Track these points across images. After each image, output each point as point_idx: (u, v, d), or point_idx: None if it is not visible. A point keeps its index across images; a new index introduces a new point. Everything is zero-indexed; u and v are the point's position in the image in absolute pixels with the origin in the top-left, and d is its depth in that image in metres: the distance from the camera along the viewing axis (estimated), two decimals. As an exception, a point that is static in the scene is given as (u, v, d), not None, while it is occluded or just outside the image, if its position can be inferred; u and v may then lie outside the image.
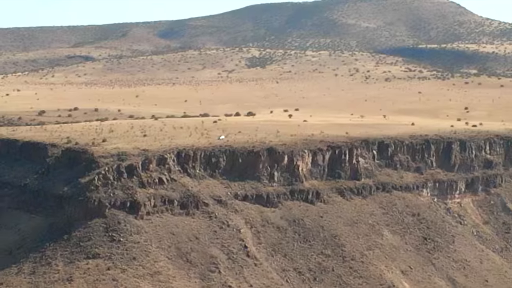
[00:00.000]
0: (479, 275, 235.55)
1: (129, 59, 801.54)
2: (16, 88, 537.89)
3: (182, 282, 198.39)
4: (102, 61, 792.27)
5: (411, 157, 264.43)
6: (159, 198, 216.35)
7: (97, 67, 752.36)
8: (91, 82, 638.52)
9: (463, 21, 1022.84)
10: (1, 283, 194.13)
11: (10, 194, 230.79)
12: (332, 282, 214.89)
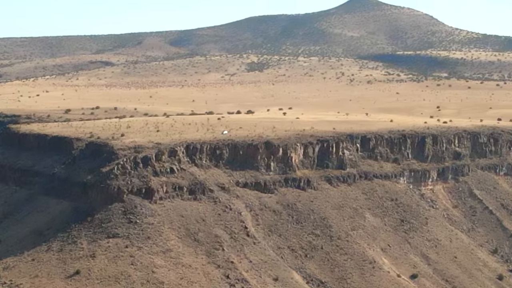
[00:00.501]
0: (449, 252, 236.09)
1: (144, 64, 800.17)
2: (45, 90, 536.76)
3: (190, 258, 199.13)
4: (120, 66, 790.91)
5: (390, 150, 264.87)
6: (170, 185, 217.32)
7: (116, 71, 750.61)
8: (110, 84, 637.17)
9: (435, 31, 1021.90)
10: (33, 259, 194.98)
11: (41, 182, 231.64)
12: (321, 258, 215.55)
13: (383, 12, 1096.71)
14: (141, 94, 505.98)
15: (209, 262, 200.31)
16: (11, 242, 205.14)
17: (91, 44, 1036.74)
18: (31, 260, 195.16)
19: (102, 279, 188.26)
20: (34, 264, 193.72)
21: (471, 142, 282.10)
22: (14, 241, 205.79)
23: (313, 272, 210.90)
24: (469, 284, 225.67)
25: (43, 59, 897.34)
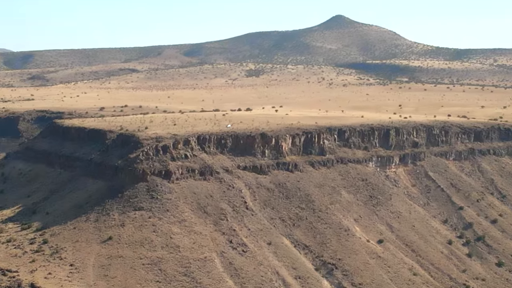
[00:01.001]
0: (408, 222, 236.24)
1: (163, 71, 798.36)
2: (84, 92, 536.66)
3: (201, 226, 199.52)
4: (143, 72, 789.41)
5: (361, 140, 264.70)
6: (185, 168, 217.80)
7: (140, 76, 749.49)
8: (136, 87, 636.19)
9: (398, 44, 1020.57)
10: (74, 228, 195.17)
11: (81, 166, 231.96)
12: (305, 226, 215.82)
13: (356, 29, 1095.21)
14: (160, 95, 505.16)
15: (216, 230, 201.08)
16: (57, 214, 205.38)
17: (120, 54, 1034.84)
18: (72, 228, 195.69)
19: (130, 243, 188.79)
20: (75, 232, 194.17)
21: (426, 134, 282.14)
22: (59, 213, 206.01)
23: (299, 238, 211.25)
24: (424, 247, 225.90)
25: (82, 67, 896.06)
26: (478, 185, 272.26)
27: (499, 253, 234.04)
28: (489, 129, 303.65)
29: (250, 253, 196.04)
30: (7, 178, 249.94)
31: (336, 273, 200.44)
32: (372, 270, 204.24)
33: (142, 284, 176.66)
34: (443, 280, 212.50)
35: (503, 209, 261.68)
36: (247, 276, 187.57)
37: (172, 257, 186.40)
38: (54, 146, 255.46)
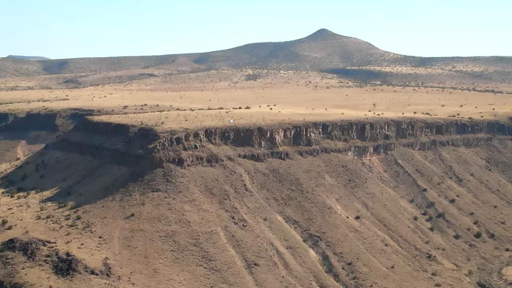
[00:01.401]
0: (381, 202, 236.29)
1: (176, 76, 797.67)
2: (110, 93, 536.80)
3: (208, 205, 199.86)
4: (160, 77, 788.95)
5: (341, 133, 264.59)
6: (195, 156, 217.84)
7: (157, 80, 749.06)
8: (153, 89, 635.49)
9: (372, 53, 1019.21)
10: (102, 206, 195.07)
11: (108, 154, 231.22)
12: (295, 205, 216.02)
13: (337, 40, 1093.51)
14: (174, 96, 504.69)
15: (220, 208, 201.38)
16: (88, 195, 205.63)
17: (140, 62, 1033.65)
18: (101, 206, 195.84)
19: (149, 219, 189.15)
20: (103, 209, 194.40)
21: (396, 128, 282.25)
22: (89, 194, 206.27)
23: (290, 215, 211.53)
24: (394, 223, 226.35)
25: (108, 72, 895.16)
26: (439, 170, 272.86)
27: (456, 228, 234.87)
28: (448, 124, 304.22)
29: (249, 227, 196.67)
30: (46, 165, 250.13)
31: (321, 244, 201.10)
32: (350, 242, 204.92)
33: (159, 253, 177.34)
34: (409, 250, 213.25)
35: (460, 190, 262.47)
36: (246, 246, 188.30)
37: (184, 231, 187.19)
38: (85, 138, 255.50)
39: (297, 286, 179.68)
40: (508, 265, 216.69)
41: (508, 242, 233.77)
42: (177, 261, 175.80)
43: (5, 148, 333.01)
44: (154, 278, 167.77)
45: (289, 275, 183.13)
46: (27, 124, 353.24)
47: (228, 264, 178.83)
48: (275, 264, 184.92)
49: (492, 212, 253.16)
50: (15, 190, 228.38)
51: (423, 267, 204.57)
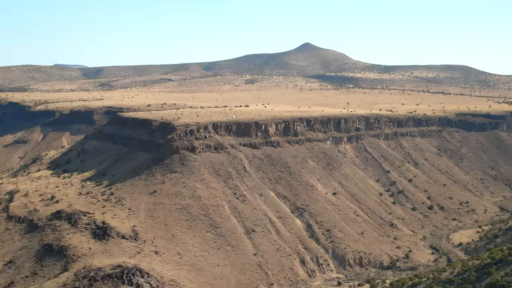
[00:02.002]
0: (353, 181, 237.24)
1: (189, 80, 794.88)
2: (136, 94, 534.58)
3: (215, 183, 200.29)
4: (176, 81, 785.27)
5: (321, 126, 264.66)
6: (205, 145, 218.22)
7: (174, 84, 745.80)
8: (171, 91, 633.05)
9: (346, 62, 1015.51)
10: (131, 184, 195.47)
11: (135, 143, 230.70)
12: (285, 184, 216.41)
13: (319, 52, 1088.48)
14: (188, 97, 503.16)
15: (225, 186, 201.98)
16: (119, 175, 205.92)
17: (160, 69, 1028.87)
18: (130, 185, 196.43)
19: (168, 195, 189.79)
20: (131, 187, 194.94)
21: (365, 122, 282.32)
22: (120, 175, 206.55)
23: (280, 191, 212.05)
24: (364, 198, 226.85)
25: (135, 77, 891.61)
26: (399, 156, 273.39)
27: (413, 202, 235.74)
28: (407, 119, 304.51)
29: (248, 201, 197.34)
30: (85, 152, 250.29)
31: (305, 215, 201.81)
32: (328, 213, 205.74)
33: (176, 222, 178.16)
34: (376, 219, 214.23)
35: (416, 172, 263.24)
36: (245, 216, 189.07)
37: (196, 204, 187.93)
38: (117, 130, 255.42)
39: (286, 248, 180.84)
40: (455, 231, 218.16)
41: (454, 213, 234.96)
42: (191, 228, 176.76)
43: (53, 138, 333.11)
44: (172, 241, 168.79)
45: (279, 239, 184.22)
46: (70, 119, 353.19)
47: (231, 231, 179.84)
48: (268, 231, 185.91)
49: (442, 189, 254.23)
50: (61, 171, 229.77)
51: (387, 233, 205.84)
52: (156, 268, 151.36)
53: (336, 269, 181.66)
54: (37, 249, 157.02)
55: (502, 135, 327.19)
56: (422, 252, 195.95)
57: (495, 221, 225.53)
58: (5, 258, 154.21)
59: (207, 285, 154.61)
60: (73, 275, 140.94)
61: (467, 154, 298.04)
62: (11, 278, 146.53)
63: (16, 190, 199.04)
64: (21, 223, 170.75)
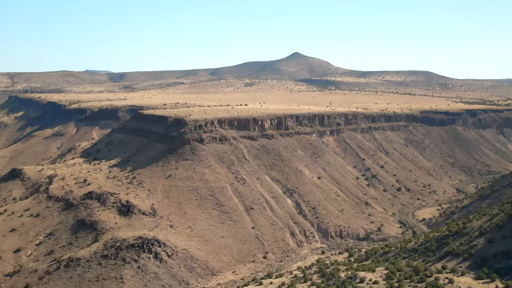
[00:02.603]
0: (335, 167, 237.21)
1: (198, 83, 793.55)
2: (154, 95, 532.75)
3: (219, 169, 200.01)
4: (187, 84, 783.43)
5: (308, 121, 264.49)
6: (211, 137, 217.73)
7: (185, 86, 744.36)
8: (183, 92, 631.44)
9: (329, 68, 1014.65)
10: (150, 170, 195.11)
11: (153, 136, 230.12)
12: (278, 169, 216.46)
13: (306, 60, 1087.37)
14: (197, 97, 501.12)
15: (228, 171, 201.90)
16: (140, 162, 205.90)
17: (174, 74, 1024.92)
18: (149, 170, 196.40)
19: (181, 178, 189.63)
20: (150, 172, 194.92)
21: (344, 118, 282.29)
22: (141, 162, 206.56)
23: (274, 176, 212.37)
24: (343, 181, 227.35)
25: (152, 81, 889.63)
26: (373, 146, 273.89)
27: (384, 184, 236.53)
28: (379, 115, 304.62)
29: (247, 184, 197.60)
30: (112, 143, 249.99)
31: (294, 195, 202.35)
32: (314, 193, 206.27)
33: (187, 201, 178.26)
34: (353, 199, 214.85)
35: (387, 160, 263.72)
36: (245, 196, 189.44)
37: (204, 186, 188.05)
38: (138, 125, 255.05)
39: (279, 223, 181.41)
40: (419, 209, 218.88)
41: (418, 194, 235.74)
42: (200, 206, 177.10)
43: (85, 132, 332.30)
44: (184, 217, 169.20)
45: (273, 215, 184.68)
46: (99, 116, 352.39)
47: (233, 208, 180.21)
48: (264, 208, 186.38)
49: (408, 174, 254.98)
50: (92, 159, 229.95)
51: (362, 210, 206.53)
52: (171, 239, 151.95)
53: (320, 240, 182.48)
54: (72, 223, 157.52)
55: (458, 129, 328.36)
56: (391, 226, 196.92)
57: (452, 200, 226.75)
58: (46, 231, 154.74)
59: (213, 253, 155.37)
60: (102, 245, 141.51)
61: (429, 145, 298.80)
62: (51, 247, 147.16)
63: (55, 174, 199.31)
64: (59, 202, 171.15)
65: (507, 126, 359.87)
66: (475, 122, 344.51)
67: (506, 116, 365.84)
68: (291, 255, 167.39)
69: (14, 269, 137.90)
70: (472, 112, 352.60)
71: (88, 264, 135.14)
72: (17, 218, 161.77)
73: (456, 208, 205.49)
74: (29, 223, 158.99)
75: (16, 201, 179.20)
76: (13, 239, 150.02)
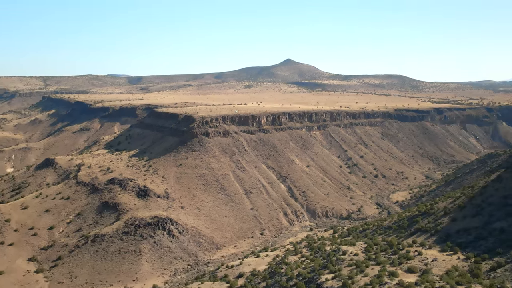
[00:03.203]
0: (321, 157, 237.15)
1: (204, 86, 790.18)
2: (166, 95, 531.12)
3: (223, 159, 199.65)
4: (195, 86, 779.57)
5: (299, 118, 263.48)
6: (216, 131, 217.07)
7: (193, 88, 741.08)
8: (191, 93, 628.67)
9: (317, 72, 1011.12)
10: (164, 159, 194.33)
11: (166, 130, 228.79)
12: (273, 159, 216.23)
13: (297, 65, 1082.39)
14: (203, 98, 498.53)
15: (230, 160, 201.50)
16: (155, 153, 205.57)
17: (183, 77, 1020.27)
18: (162, 159, 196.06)
19: (190, 167, 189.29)
20: (163, 161, 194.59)
21: (330, 115, 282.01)
22: (156, 153, 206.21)
23: (270, 164, 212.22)
24: (329, 169, 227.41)
25: (165, 83, 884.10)
26: (354, 139, 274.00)
27: (364, 172, 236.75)
28: (360, 113, 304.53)
29: (247, 171, 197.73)
30: (131, 136, 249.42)
31: (287, 181, 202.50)
32: (304, 179, 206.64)
33: (196, 186, 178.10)
34: (337, 184, 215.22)
35: (366, 151, 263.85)
36: (245, 182, 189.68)
37: (210, 173, 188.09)
38: (153, 121, 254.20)
39: (274, 204, 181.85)
40: (393, 193, 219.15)
41: (393, 180, 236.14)
42: (206, 190, 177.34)
43: (107, 127, 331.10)
44: (193, 199, 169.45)
45: (269, 198, 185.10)
46: (119, 113, 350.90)
47: (235, 192, 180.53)
48: (261, 192, 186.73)
49: (384, 163, 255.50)
50: (114, 150, 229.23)
51: (345, 194, 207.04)
52: (181, 218, 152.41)
53: (309, 219, 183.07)
54: (97, 205, 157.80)
55: (427, 124, 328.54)
56: (370, 207, 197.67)
57: (422, 185, 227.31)
58: (75, 212, 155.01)
59: (218, 230, 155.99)
60: (123, 223, 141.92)
61: (402, 138, 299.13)
62: (80, 225, 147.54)
63: (82, 163, 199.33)
64: (86, 186, 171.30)
65: (469, 122, 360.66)
66: (441, 118, 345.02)
67: (468, 114, 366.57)
68: (284, 232, 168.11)
69: (48, 243, 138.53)
70: (439, 110, 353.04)
71: (111, 239, 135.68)
72: (50, 200, 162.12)
73: (425, 192, 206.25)
74: (60, 204, 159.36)
75: (50, 186, 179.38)
76: (47, 218, 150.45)
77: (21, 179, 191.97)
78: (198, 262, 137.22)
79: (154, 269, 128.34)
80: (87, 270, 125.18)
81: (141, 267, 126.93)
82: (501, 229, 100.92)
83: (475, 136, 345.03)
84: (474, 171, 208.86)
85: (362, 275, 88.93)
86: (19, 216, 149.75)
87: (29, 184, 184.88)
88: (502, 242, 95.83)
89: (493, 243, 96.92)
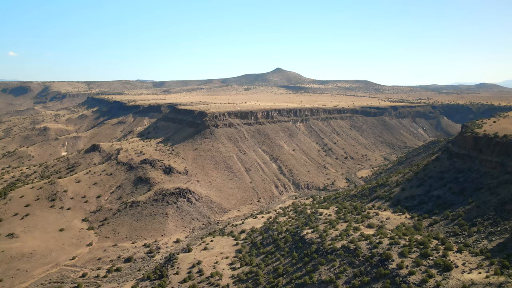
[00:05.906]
0: (304, 143, 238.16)
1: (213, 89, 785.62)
2: (184, 96, 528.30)
3: (228, 144, 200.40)
4: (205, 89, 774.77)
5: (286, 113, 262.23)
6: (223, 123, 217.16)
7: (204, 91, 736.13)
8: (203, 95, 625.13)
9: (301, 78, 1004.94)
10: (183, 144, 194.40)
11: (185, 123, 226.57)
12: (267, 145, 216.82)
13: (285, 73, 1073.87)
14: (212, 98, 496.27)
15: (234, 146, 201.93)
16: (176, 140, 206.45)
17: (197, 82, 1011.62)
18: (182, 145, 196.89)
19: (204, 150, 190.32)
20: (183, 146, 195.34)
21: (310, 111, 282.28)
22: (177, 140, 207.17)
23: (265, 149, 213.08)
24: (310, 152, 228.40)
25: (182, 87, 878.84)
26: (329, 130, 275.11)
27: (336, 155, 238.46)
28: (333, 109, 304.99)
29: (247, 154, 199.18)
30: (158, 128, 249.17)
31: (278, 162, 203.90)
32: (291, 160, 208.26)
33: (208, 165, 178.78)
34: (316, 164, 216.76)
35: (338, 139, 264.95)
36: (245, 162, 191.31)
37: (218, 155, 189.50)
38: (174, 115, 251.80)
39: (267, 179, 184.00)
40: (359, 170, 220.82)
41: (359, 161, 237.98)
42: (216, 169, 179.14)
43: (139, 120, 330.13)
44: (206, 175, 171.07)
45: (264, 174, 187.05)
46: (148, 110, 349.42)
47: (238, 170, 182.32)
48: (258, 170, 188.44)
49: (352, 148, 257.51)
50: (144, 138, 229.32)
51: (322, 171, 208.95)
52: (197, 189, 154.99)
53: (294, 190, 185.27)
54: (133, 179, 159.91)
55: (386, 118, 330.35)
56: (341, 181, 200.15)
57: (381, 165, 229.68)
58: (116, 184, 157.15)
59: (225, 199, 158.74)
60: (153, 193, 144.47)
61: (366, 129, 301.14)
62: (120, 194, 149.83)
63: (121, 148, 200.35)
64: (124, 165, 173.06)
65: (418, 116, 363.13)
66: (396, 114, 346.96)
67: (417, 110, 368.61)
68: (275, 200, 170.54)
69: (97, 208, 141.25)
70: (395, 107, 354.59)
71: (144, 205, 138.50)
72: (97, 176, 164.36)
73: (382, 169, 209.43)
74: (105, 179, 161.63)
75: (96, 165, 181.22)
76: (95, 189, 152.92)
77: (74, 160, 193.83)
78: (210, 222, 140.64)
79: (177, 227, 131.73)
80: (126, 228, 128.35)
81: (167, 226, 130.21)
82: (437, 196, 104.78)
83: (423, 128, 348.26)
84: (420, 153, 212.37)
85: (334, 229, 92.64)
86: (74, 187, 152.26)
87: (80, 164, 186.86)
88: (438, 205, 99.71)
89: (431, 206, 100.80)
